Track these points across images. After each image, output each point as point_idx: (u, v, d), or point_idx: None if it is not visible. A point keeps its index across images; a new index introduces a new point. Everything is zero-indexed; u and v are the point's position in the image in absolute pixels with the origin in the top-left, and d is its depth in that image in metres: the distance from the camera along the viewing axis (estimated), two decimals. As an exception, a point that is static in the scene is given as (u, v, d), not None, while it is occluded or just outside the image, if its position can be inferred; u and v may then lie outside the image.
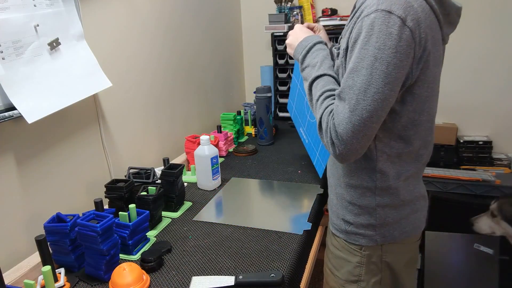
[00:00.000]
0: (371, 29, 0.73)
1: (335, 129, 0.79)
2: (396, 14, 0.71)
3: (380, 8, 0.72)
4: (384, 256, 0.93)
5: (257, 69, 2.28)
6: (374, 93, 0.74)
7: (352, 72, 0.76)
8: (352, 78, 0.76)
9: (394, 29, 0.71)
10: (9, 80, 0.88)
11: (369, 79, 0.74)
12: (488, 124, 2.02)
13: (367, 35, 0.73)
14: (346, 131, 0.77)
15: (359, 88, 0.75)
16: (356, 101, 0.75)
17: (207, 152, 1.26)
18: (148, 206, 1.03)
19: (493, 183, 1.75)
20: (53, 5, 0.99)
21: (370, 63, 0.73)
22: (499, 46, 1.91)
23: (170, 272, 0.88)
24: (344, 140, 0.78)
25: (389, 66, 0.72)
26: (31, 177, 0.98)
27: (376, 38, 0.72)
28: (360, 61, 0.75)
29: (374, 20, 0.72)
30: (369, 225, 0.91)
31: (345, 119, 0.77)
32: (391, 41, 0.71)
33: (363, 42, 0.74)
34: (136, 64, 1.36)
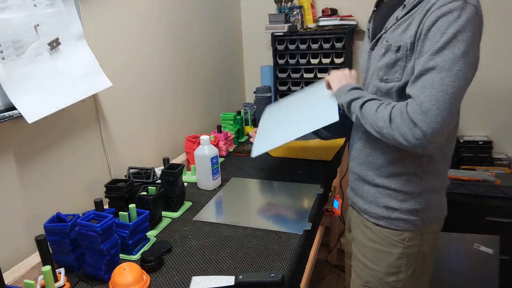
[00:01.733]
0: (451, 15, 0.78)
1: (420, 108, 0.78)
2: (472, 4, 0.78)
3: None
4: (423, 245, 0.98)
5: (257, 69, 2.28)
6: (457, 71, 0.78)
7: (433, 54, 0.79)
8: (434, 59, 0.79)
9: (472, 17, 0.78)
10: (9, 80, 0.88)
11: (453, 60, 0.77)
12: (488, 124, 2.02)
13: (448, 22, 0.78)
14: (431, 107, 0.78)
15: (442, 67, 0.78)
16: (440, 78, 0.78)
17: (207, 152, 1.26)
18: (148, 206, 1.03)
19: (493, 183, 1.75)
20: (53, 5, 0.99)
21: (453, 45, 0.77)
22: (499, 46, 1.91)
23: (170, 272, 0.88)
24: (430, 118, 0.78)
25: (469, 50, 0.78)
26: (31, 177, 0.98)
27: (458, 25, 0.77)
28: (444, 44, 0.78)
29: (453, 8, 0.78)
30: (413, 210, 0.96)
31: (431, 95, 0.78)
32: (472, 27, 0.78)
33: (443, 28, 0.78)
34: (136, 64, 1.36)
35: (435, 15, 0.79)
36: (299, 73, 2.06)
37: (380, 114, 0.86)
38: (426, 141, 0.79)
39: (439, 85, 0.77)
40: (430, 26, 0.80)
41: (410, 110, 0.80)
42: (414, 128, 0.79)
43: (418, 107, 0.79)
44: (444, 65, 0.78)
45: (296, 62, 2.05)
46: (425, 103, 0.78)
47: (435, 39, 0.79)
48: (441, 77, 0.78)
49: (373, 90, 0.98)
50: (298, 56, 2.04)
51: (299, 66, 2.05)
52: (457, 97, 0.79)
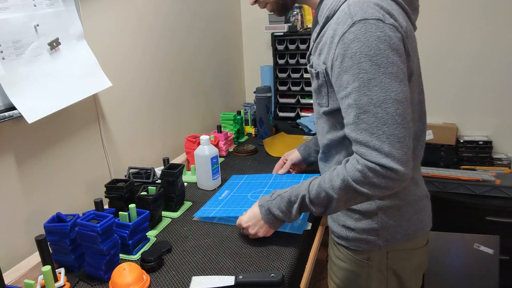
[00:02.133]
0: (358, 41, 0.71)
1: (380, 154, 0.72)
2: (373, 18, 0.71)
3: (356, 20, 0.71)
4: (390, 264, 0.91)
5: (257, 69, 2.28)
6: (395, 95, 0.71)
7: (360, 90, 0.72)
8: (365, 95, 0.72)
9: (380, 32, 0.71)
10: (9, 80, 0.88)
11: (383, 87, 0.71)
12: (488, 124, 2.02)
13: (358, 49, 0.71)
14: (393, 146, 0.71)
15: (378, 98, 0.71)
16: (383, 111, 0.71)
17: (207, 152, 1.26)
18: (148, 206, 1.03)
19: (493, 183, 1.75)
20: (53, 5, 0.99)
21: (375, 71, 0.71)
22: (499, 45, 1.91)
23: (170, 272, 0.88)
24: (396, 156, 0.71)
25: (394, 65, 0.71)
26: (31, 177, 0.98)
27: (368, 48, 0.71)
28: (364, 75, 0.72)
29: (356, 33, 0.71)
30: (370, 230, 0.89)
31: (383, 135, 0.72)
32: (383, 43, 0.71)
33: (357, 57, 0.72)
34: (136, 64, 1.36)
35: (343, 44, 0.73)
36: (299, 73, 2.06)
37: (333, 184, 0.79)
38: (405, 176, 0.74)
39: (387, 119, 0.71)
40: (342, 58, 0.73)
41: (373, 160, 0.73)
42: (390, 174, 0.72)
43: (379, 154, 0.72)
44: (378, 97, 0.71)
45: (296, 62, 2.05)
46: (384, 146, 0.71)
47: (352, 72, 0.73)
48: (384, 109, 0.71)
49: (316, 111, 0.95)
50: (298, 56, 2.03)
51: (299, 66, 2.05)
52: (407, 119, 0.72)
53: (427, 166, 1.94)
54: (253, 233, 0.96)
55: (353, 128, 0.75)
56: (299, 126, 1.96)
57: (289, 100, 2.14)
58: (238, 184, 1.31)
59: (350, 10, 0.73)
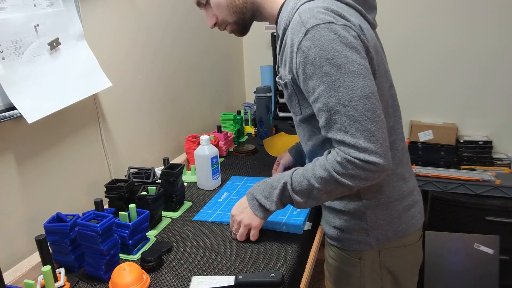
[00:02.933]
0: (315, 47, 0.73)
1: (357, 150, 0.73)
2: (324, 22, 0.73)
3: (309, 27, 0.73)
4: (384, 262, 0.92)
5: (257, 69, 2.28)
6: (361, 92, 0.73)
7: (326, 94, 0.74)
8: (333, 96, 0.74)
9: (333, 34, 0.72)
10: (9, 80, 0.88)
11: (348, 86, 0.73)
12: (488, 124, 2.02)
13: (316, 54, 0.73)
14: (368, 140, 0.73)
15: (345, 98, 0.73)
16: (353, 109, 0.73)
17: (207, 152, 1.26)
18: (148, 206, 1.03)
19: (493, 183, 1.75)
20: (53, 5, 0.99)
21: (337, 72, 0.73)
22: (499, 45, 1.91)
23: (170, 272, 0.88)
24: (373, 149, 0.73)
25: (354, 63, 0.73)
26: (31, 177, 0.98)
27: (325, 51, 0.72)
28: (327, 78, 0.73)
29: (312, 41, 0.73)
30: (361, 229, 0.90)
31: (357, 130, 0.73)
32: (339, 44, 0.72)
33: (317, 62, 0.73)
34: (136, 64, 1.36)
35: (302, 52, 0.75)
36: (299, 73, 2.05)
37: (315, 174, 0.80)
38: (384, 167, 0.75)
39: (357, 116, 0.73)
40: (304, 65, 0.75)
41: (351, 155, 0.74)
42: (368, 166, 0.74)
43: (356, 150, 0.73)
44: (345, 96, 0.73)
45: (296, 62, 2.04)
46: (359, 142, 0.73)
47: (316, 77, 0.74)
48: (353, 107, 0.72)
49: (294, 120, 0.95)
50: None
51: (299, 66, 2.05)
52: (377, 112, 0.74)
53: (427, 166, 1.94)
54: (238, 221, 0.95)
55: (328, 130, 0.77)
56: (299, 126, 1.95)
57: (289, 100, 2.13)
58: (237, 186, 1.31)
59: (302, 18, 0.75)
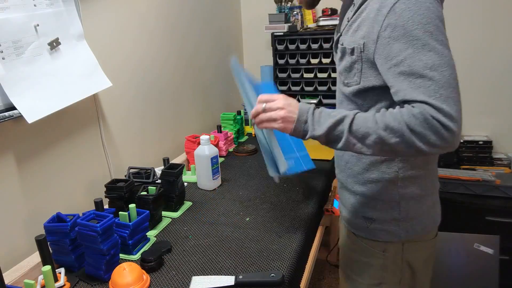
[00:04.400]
0: (409, 11, 0.74)
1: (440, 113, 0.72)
2: None
3: None
4: (405, 255, 0.93)
5: (257, 69, 2.28)
6: (449, 60, 0.74)
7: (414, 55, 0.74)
8: (421, 60, 0.74)
9: (428, 3, 0.74)
10: (9, 80, 0.88)
11: (438, 52, 0.74)
12: (488, 124, 2.02)
13: (410, 18, 0.74)
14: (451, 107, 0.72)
15: (433, 63, 0.73)
16: (440, 75, 0.73)
17: (207, 152, 1.26)
18: (148, 206, 1.03)
19: (493, 183, 1.75)
20: (53, 5, 0.99)
21: (428, 37, 0.74)
22: (499, 46, 1.91)
23: (170, 272, 0.88)
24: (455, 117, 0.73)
25: (443, 34, 0.76)
26: (31, 177, 0.98)
27: (420, 16, 0.73)
28: (417, 41, 0.74)
29: (407, 4, 0.74)
30: (392, 220, 0.91)
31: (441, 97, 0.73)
32: (433, 12, 0.74)
33: (408, 25, 0.74)
34: (136, 64, 1.36)
35: (394, 13, 0.75)
36: (299, 73, 2.06)
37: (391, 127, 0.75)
38: (455, 140, 0.74)
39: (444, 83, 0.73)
40: (393, 27, 0.75)
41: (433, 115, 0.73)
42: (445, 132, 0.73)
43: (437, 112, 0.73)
44: (434, 61, 0.73)
45: (296, 62, 2.05)
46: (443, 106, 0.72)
47: (405, 39, 0.74)
48: (440, 73, 0.73)
49: (340, 95, 0.94)
50: (298, 56, 2.03)
51: (299, 66, 2.05)
52: (458, 84, 0.75)
53: (427, 166, 1.94)
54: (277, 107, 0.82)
55: (408, 93, 0.75)
56: (299, 126, 1.95)
57: (289, 100, 2.13)
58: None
59: None
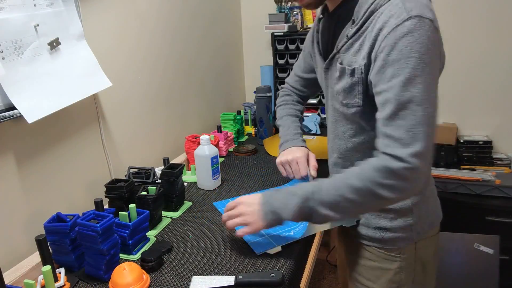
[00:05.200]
0: (411, 36, 0.70)
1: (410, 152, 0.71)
2: (427, 18, 0.71)
3: (413, 15, 0.70)
4: (418, 253, 0.95)
5: (257, 69, 2.28)
6: (434, 97, 0.73)
7: (404, 85, 0.71)
8: (410, 92, 0.71)
9: (430, 33, 0.71)
10: (9, 80, 0.88)
11: (427, 87, 0.71)
12: (488, 124, 2.02)
13: (409, 44, 0.71)
14: (426, 145, 0.71)
15: (421, 98, 0.71)
16: (423, 111, 0.71)
17: (207, 152, 1.26)
18: (148, 206, 1.03)
19: (493, 183, 1.75)
20: (53, 5, 0.99)
21: (422, 69, 0.71)
22: (500, 46, 1.91)
23: (170, 272, 0.88)
24: (425, 155, 0.72)
25: (435, 68, 0.74)
26: (31, 177, 0.98)
27: (420, 44, 0.70)
28: (412, 71, 0.71)
29: (410, 28, 0.70)
30: (406, 226, 0.91)
31: (419, 134, 0.71)
32: (431, 44, 0.71)
33: (406, 51, 0.71)
34: (136, 64, 1.36)
35: (393, 36, 0.72)
36: (299, 73, 2.05)
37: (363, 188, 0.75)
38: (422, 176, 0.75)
39: (425, 120, 0.71)
40: (390, 50, 0.72)
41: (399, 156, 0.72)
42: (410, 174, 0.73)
43: (408, 150, 0.72)
44: (421, 95, 0.71)
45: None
46: (416, 144, 0.71)
47: (399, 65, 0.72)
48: (424, 109, 0.71)
49: (336, 113, 0.93)
50: (298, 56, 2.03)
51: (299, 66, 2.05)
52: (436, 122, 0.74)
53: (427, 166, 1.94)
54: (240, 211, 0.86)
55: (388, 123, 0.74)
56: (299, 126, 1.95)
57: (289, 100, 2.13)
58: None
59: (405, 5, 0.72)
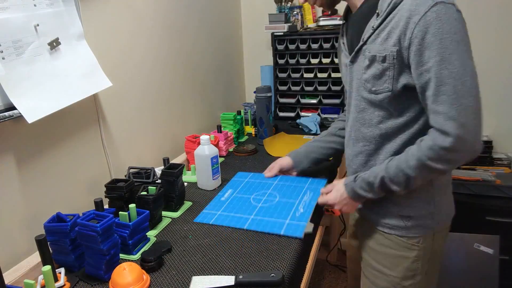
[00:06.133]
0: (439, 20, 0.78)
1: (456, 124, 0.79)
2: (450, 3, 0.79)
3: (438, 1, 0.78)
4: (434, 244, 0.99)
5: (257, 69, 2.28)
6: (471, 70, 0.80)
7: (439, 65, 0.79)
8: (447, 69, 0.79)
9: (456, 15, 0.79)
10: (9, 80, 0.88)
11: (462, 62, 0.79)
12: (488, 124, 2.02)
13: (440, 27, 0.78)
14: (467, 117, 0.79)
15: (458, 73, 0.79)
16: (461, 84, 0.78)
17: (207, 152, 1.26)
18: (148, 206, 1.03)
19: (493, 183, 1.75)
20: (53, 5, 0.99)
21: (455, 47, 0.78)
22: (500, 46, 1.91)
23: (170, 272, 0.88)
24: (469, 127, 0.79)
25: (467, 44, 0.81)
26: (31, 177, 0.98)
27: (449, 26, 0.78)
28: (445, 50, 0.78)
29: (438, 13, 0.78)
30: (428, 214, 0.96)
31: (460, 106, 0.79)
32: (459, 24, 0.79)
33: (438, 34, 0.78)
34: (136, 63, 1.36)
35: (424, 22, 0.79)
36: (299, 73, 2.06)
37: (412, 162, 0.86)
38: (475, 147, 0.82)
39: (464, 92, 0.79)
40: (424, 35, 0.79)
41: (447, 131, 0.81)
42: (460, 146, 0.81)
43: (455, 124, 0.79)
44: (458, 70, 0.79)
45: (296, 62, 2.05)
46: (460, 117, 0.79)
47: (434, 47, 0.79)
48: (462, 83, 0.79)
49: (363, 102, 0.97)
50: (298, 56, 2.03)
51: (299, 66, 2.05)
52: (479, 91, 0.81)
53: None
54: (339, 208, 1.03)
55: (433, 100, 0.82)
56: (299, 126, 1.96)
57: (289, 100, 2.14)
58: (242, 183, 1.31)
59: None
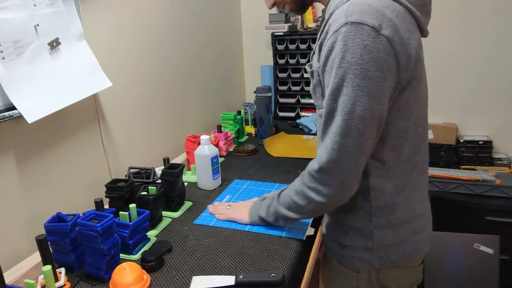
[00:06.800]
0: (344, 44, 0.67)
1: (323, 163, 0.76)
2: (368, 24, 0.66)
3: (350, 21, 0.66)
4: (381, 279, 0.88)
5: (257, 69, 2.28)
6: (361, 110, 0.69)
7: (332, 95, 0.72)
8: (334, 100, 0.71)
9: (369, 41, 0.66)
10: (9, 80, 0.88)
11: (353, 98, 0.69)
12: (488, 124, 2.02)
13: (341, 52, 0.68)
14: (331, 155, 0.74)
15: (343, 109, 0.70)
16: (343, 122, 0.71)
17: (207, 152, 1.26)
18: (149, 206, 1.03)
19: (493, 183, 1.75)
20: (53, 5, 0.99)
21: (350, 81, 0.68)
22: (500, 46, 1.91)
23: (170, 272, 0.88)
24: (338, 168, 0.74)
25: (371, 80, 0.67)
26: (31, 177, 0.98)
27: (352, 53, 0.67)
28: (339, 81, 0.69)
29: (345, 35, 0.67)
30: (365, 248, 0.86)
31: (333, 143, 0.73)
32: (368, 54, 0.66)
33: (338, 60, 0.69)
34: (136, 64, 1.36)
35: (330, 43, 0.70)
36: (299, 73, 2.06)
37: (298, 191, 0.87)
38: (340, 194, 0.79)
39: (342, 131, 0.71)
40: (326, 58, 0.72)
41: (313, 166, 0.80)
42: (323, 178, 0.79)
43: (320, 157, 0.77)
44: (344, 107, 0.70)
45: (296, 61, 2.05)
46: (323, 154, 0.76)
47: (330, 75, 0.71)
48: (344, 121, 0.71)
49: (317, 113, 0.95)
50: (298, 56, 2.04)
51: (299, 66, 2.05)
52: (364, 136, 0.71)
53: (427, 166, 1.94)
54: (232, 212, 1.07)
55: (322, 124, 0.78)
56: (299, 126, 1.96)
57: (289, 100, 2.14)
58: (240, 189, 1.30)
59: (349, 9, 0.68)
